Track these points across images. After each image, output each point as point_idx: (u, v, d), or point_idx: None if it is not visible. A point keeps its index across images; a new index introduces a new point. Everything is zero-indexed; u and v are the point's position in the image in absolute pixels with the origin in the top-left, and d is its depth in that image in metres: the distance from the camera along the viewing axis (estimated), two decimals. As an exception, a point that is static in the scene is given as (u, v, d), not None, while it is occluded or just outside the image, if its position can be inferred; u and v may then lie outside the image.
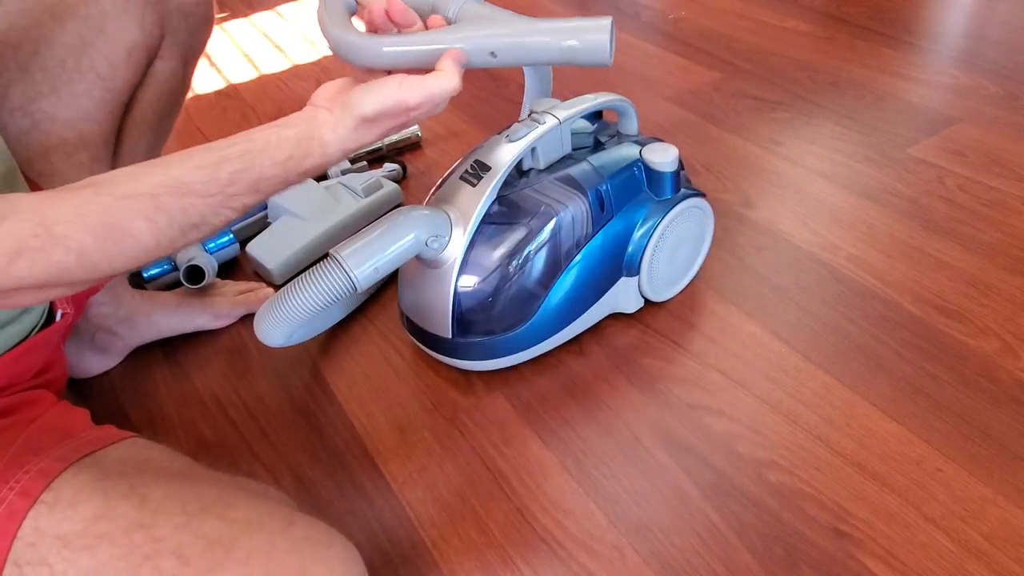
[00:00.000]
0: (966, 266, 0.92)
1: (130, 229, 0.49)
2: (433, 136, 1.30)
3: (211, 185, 0.53)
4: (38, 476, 0.54)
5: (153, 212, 0.50)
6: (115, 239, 0.49)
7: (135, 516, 0.52)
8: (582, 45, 0.61)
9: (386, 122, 0.59)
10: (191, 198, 0.52)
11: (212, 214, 0.53)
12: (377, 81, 0.59)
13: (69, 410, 0.66)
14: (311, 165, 0.57)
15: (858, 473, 0.71)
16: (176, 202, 0.51)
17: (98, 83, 0.72)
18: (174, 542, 0.51)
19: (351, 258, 0.69)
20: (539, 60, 0.63)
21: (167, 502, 0.54)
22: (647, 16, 1.66)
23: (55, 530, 0.51)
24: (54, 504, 0.52)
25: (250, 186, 0.54)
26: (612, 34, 0.62)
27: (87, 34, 0.71)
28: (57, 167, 0.71)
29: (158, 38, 0.77)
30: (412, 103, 0.58)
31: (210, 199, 0.53)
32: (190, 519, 0.53)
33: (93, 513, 0.52)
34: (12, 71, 0.69)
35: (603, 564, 0.66)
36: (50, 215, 0.47)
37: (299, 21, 1.84)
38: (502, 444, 0.77)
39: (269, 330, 0.72)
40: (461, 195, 0.77)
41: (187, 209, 0.52)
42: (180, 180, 0.52)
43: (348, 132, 0.58)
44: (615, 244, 0.82)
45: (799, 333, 0.85)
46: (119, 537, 0.51)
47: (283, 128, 0.57)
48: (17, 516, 0.51)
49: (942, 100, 1.25)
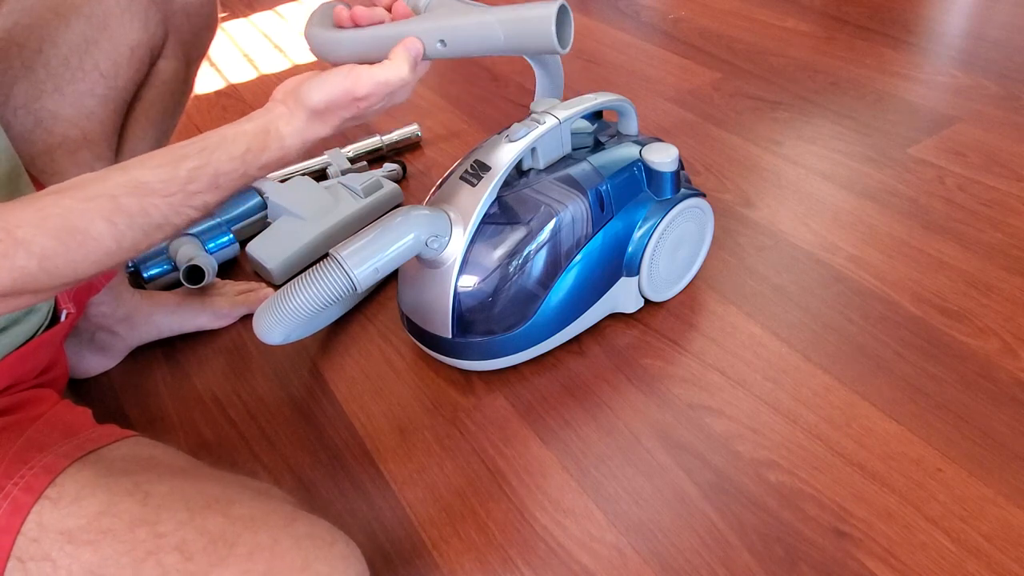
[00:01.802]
0: (966, 266, 0.92)
1: (91, 231, 0.50)
2: (433, 136, 1.30)
3: (171, 184, 0.53)
4: (42, 472, 0.54)
5: (113, 213, 0.50)
6: (77, 242, 0.49)
7: (138, 512, 0.52)
8: (528, 31, 0.60)
9: (337, 113, 0.59)
10: (151, 198, 0.52)
11: (173, 213, 0.53)
12: (327, 72, 0.59)
13: (72, 408, 0.66)
14: (269, 159, 0.58)
15: (858, 473, 0.71)
16: (136, 202, 0.51)
17: (101, 81, 0.72)
18: (177, 538, 0.51)
19: (351, 258, 0.69)
20: (490, 48, 0.62)
21: (170, 498, 0.54)
22: (647, 16, 1.66)
23: (59, 525, 0.52)
24: (58, 500, 0.53)
25: (210, 182, 0.54)
26: (563, 19, 0.60)
27: (91, 32, 0.71)
28: (60, 165, 0.71)
29: (161, 37, 0.77)
30: (360, 93, 0.58)
31: (170, 198, 0.53)
32: (193, 515, 0.53)
33: (97, 509, 0.52)
34: (16, 69, 0.69)
35: (603, 564, 0.66)
36: (12, 220, 0.47)
37: (299, 21, 1.84)
38: (502, 444, 0.77)
39: (268, 328, 0.72)
40: (461, 195, 0.77)
41: (148, 209, 0.52)
42: (139, 180, 0.52)
43: (302, 124, 0.58)
44: (615, 244, 0.82)
45: (799, 333, 0.85)
46: (122, 533, 0.51)
47: (241, 123, 0.57)
48: (21, 511, 0.52)
49: (942, 100, 1.25)
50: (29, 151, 0.70)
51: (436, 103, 1.40)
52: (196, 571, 0.51)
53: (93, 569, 0.51)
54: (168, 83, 0.81)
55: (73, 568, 0.51)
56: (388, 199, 1.11)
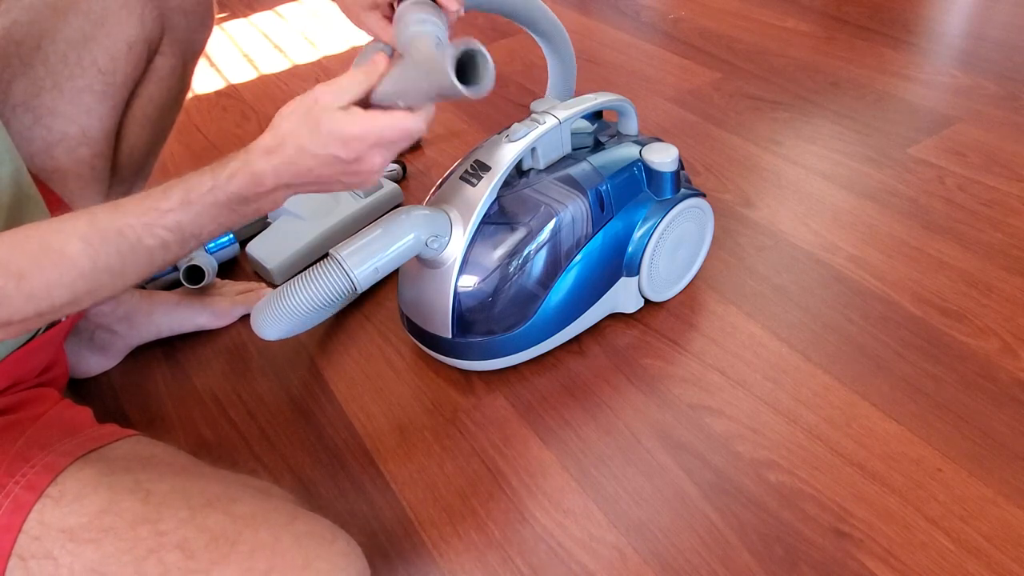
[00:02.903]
0: (966, 266, 0.92)
1: (66, 250, 0.50)
2: (433, 136, 1.30)
3: (144, 201, 0.53)
4: (44, 470, 0.54)
5: (88, 232, 0.51)
6: (52, 261, 0.49)
7: (140, 510, 0.53)
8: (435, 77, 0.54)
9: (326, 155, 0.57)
10: (127, 218, 0.52)
11: (148, 234, 0.53)
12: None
13: (72, 407, 0.66)
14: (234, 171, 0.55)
15: (858, 473, 0.71)
16: (111, 221, 0.52)
17: (99, 77, 0.72)
18: (178, 536, 0.52)
19: (351, 258, 0.69)
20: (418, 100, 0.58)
21: (172, 497, 0.54)
22: (647, 16, 1.66)
23: (60, 524, 0.52)
24: (59, 498, 0.53)
25: (181, 198, 0.54)
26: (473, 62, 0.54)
27: (88, 28, 0.71)
28: (60, 162, 0.71)
29: (158, 33, 0.77)
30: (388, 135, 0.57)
31: (143, 216, 0.53)
32: (194, 513, 0.53)
33: (98, 507, 0.52)
34: (15, 67, 0.69)
35: (603, 564, 0.66)
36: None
37: (299, 21, 1.84)
38: (502, 444, 0.77)
39: (266, 325, 0.72)
40: (461, 195, 0.77)
41: (123, 230, 0.52)
42: (117, 203, 0.53)
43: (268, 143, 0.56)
44: (615, 244, 0.82)
45: (799, 333, 0.85)
46: (124, 531, 0.52)
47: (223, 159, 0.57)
48: (23, 509, 0.52)
49: (942, 100, 1.25)
50: (28, 149, 0.70)
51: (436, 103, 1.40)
52: (197, 569, 0.51)
53: (95, 567, 0.51)
54: (165, 79, 0.81)
55: (75, 566, 0.51)
56: (388, 199, 1.11)
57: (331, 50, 1.67)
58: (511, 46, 1.57)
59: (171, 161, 0.89)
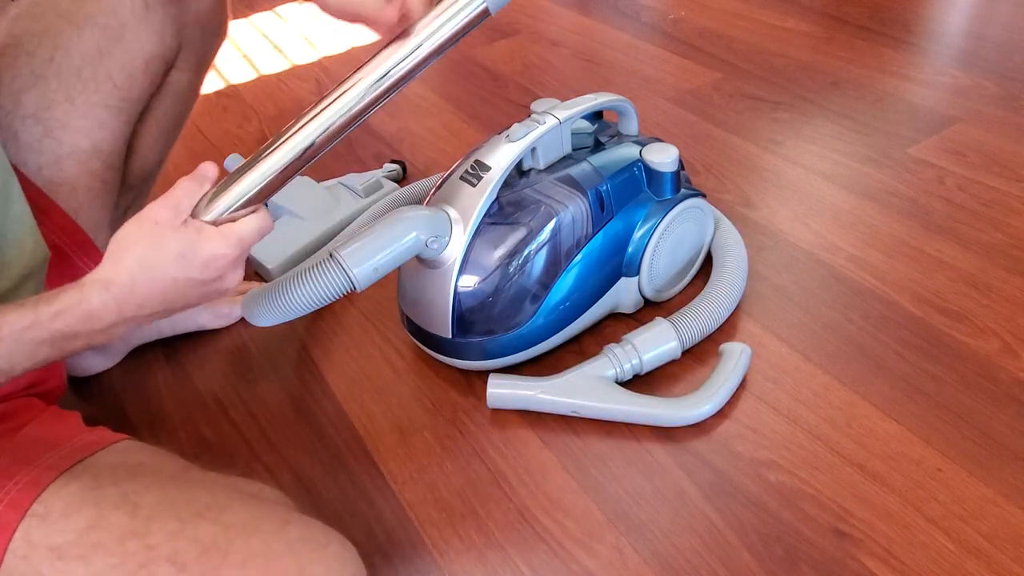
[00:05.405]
0: (966, 266, 0.92)
1: None
2: (433, 136, 1.30)
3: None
4: (27, 487, 0.53)
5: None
6: None
7: (128, 524, 0.52)
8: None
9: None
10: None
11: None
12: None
13: (58, 415, 0.65)
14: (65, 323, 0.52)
15: (858, 473, 0.71)
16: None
17: (114, 93, 0.71)
18: (169, 548, 0.51)
19: (350, 257, 0.69)
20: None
21: (160, 508, 0.53)
22: (647, 16, 1.66)
23: (48, 542, 0.51)
24: (45, 516, 0.52)
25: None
26: None
27: (105, 43, 0.70)
28: (69, 174, 0.70)
29: (175, 49, 0.76)
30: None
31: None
32: (184, 525, 0.52)
33: (85, 524, 0.52)
34: (26, 77, 0.68)
35: (603, 564, 0.66)
36: None
37: (298, 22, 1.84)
38: (502, 444, 0.77)
39: (260, 315, 0.70)
40: (461, 195, 0.77)
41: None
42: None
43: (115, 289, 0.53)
44: (615, 244, 0.82)
45: (799, 333, 0.85)
46: (113, 546, 0.51)
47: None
48: (8, 529, 0.51)
49: (942, 100, 1.25)
50: (37, 160, 0.69)
51: (436, 103, 1.40)
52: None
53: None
54: (180, 94, 0.80)
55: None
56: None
57: (331, 51, 1.67)
58: (511, 46, 1.57)
59: (171, 161, 0.89)
